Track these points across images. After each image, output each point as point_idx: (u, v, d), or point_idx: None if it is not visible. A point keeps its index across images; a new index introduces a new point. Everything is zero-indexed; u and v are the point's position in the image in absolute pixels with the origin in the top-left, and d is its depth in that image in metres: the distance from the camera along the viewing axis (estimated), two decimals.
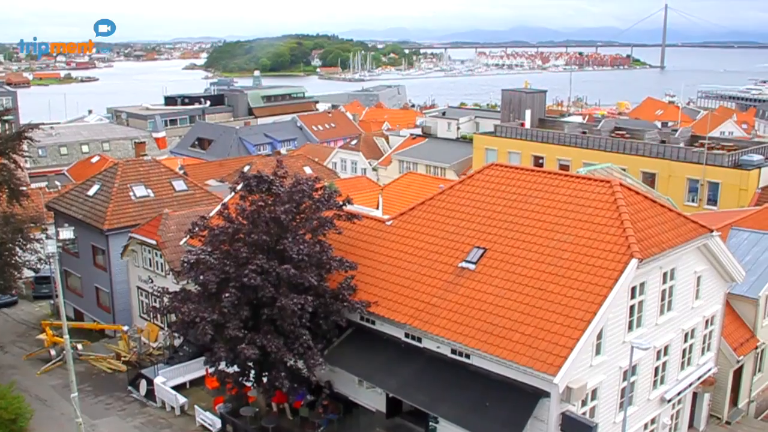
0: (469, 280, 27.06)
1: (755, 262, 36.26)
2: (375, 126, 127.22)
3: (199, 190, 50.49)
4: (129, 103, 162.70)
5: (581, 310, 23.87)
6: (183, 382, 36.63)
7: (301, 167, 66.98)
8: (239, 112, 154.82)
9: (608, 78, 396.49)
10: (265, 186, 29.42)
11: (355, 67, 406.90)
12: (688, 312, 29.73)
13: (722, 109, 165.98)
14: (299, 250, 27.93)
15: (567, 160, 70.83)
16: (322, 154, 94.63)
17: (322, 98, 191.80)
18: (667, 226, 27.71)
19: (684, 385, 30.55)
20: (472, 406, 24.71)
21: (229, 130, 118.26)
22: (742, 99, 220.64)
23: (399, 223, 31.64)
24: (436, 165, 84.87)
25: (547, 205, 28.50)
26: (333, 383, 30.63)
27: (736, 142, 74.57)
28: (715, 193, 63.16)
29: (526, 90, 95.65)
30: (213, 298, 28.16)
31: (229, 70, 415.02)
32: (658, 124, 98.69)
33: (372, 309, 28.30)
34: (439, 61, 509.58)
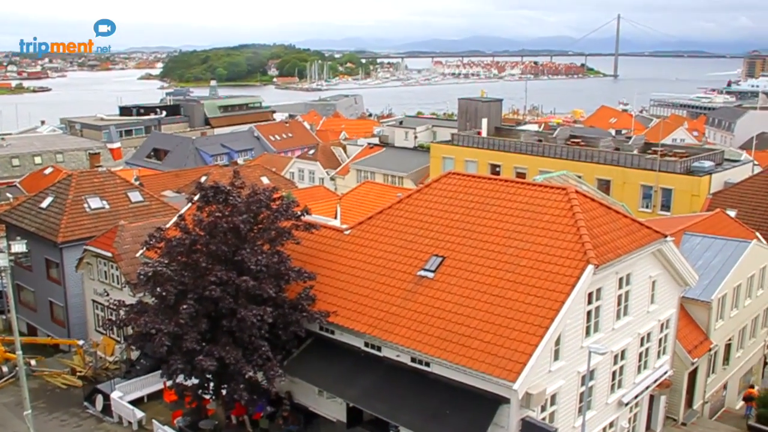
0: (428, 289, 27.12)
1: (707, 266, 36.95)
2: (332, 135, 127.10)
3: (155, 201, 49.91)
4: (83, 113, 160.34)
5: (539, 316, 24.07)
6: (140, 396, 36.06)
7: (258, 177, 66.65)
8: (196, 122, 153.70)
9: (563, 87, 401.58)
10: (222, 197, 29.21)
11: (312, 76, 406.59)
12: (644, 316, 30.16)
13: (674, 117, 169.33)
14: (257, 261, 27.75)
15: (523, 168, 71.51)
16: (279, 164, 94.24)
17: (279, 108, 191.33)
18: (622, 232, 28.09)
19: (641, 389, 30.95)
20: (432, 414, 24.73)
21: (186, 140, 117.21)
22: (692, 107, 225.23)
23: (357, 232, 31.62)
24: (394, 174, 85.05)
25: (504, 212, 28.72)
26: (293, 394, 30.47)
27: (687, 149, 75.99)
28: (668, 199, 64.30)
29: (483, 99, 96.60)
30: (170, 310, 27.84)
31: (185, 80, 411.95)
32: (612, 132, 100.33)
33: (331, 319, 28.22)
34: (396, 71, 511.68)
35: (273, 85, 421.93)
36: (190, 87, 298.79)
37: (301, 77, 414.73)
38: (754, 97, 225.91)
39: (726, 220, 46.01)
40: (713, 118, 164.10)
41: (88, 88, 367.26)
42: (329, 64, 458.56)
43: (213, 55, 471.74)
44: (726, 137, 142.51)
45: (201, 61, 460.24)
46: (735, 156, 76.59)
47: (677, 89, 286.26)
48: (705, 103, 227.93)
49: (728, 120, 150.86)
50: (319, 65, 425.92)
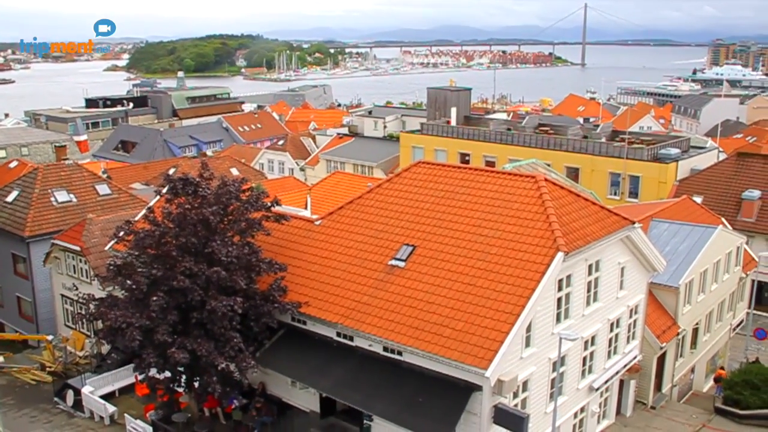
0: (400, 278, 27.18)
1: (675, 252, 37.43)
2: (302, 126, 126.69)
3: (123, 194, 49.45)
4: (48, 105, 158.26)
5: (510, 303, 24.23)
6: (112, 391, 35.80)
7: (227, 169, 66.25)
8: (163, 113, 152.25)
9: (531, 75, 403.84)
10: (191, 188, 29.00)
11: (281, 67, 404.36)
12: (613, 302, 30.48)
13: (641, 105, 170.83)
14: (228, 253, 27.62)
15: (493, 157, 71.79)
16: (248, 155, 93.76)
17: (248, 99, 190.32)
18: (591, 219, 28.34)
19: (611, 374, 31.32)
20: (405, 402, 24.83)
21: (154, 132, 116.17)
22: (659, 95, 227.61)
23: (328, 222, 31.58)
24: (364, 164, 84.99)
25: (474, 201, 28.84)
26: (266, 385, 30.41)
27: (654, 137, 76.93)
28: (636, 186, 65.00)
29: (452, 88, 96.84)
30: (141, 303, 27.64)
31: (152, 71, 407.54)
32: (581, 120, 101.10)
33: (303, 309, 28.18)
34: (364, 61, 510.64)
35: (241, 75, 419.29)
36: (158, 78, 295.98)
37: (269, 68, 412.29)
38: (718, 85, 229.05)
39: (692, 206, 46.65)
40: (679, 105, 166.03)
41: (52, 80, 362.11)
42: (298, 54, 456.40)
43: (180, 46, 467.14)
44: (692, 124, 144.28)
45: (168, 52, 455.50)
46: (701, 143, 77.60)
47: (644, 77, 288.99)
48: (671, 91, 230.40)
49: (694, 107, 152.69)
50: (288, 56, 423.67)
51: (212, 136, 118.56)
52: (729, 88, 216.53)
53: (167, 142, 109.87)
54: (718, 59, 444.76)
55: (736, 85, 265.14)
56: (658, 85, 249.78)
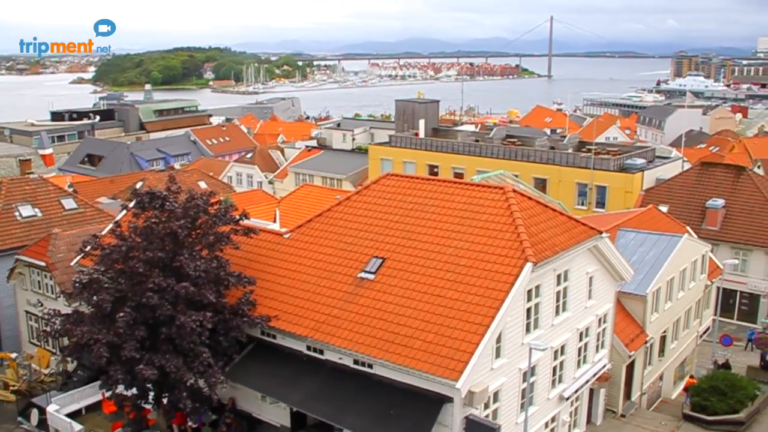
0: (369, 290, 27.14)
1: (642, 261, 37.80)
2: (270, 139, 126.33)
3: (89, 208, 48.88)
4: (12, 118, 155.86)
5: (480, 314, 24.29)
6: (78, 409, 35.20)
7: (195, 182, 65.76)
8: (130, 126, 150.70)
9: (499, 87, 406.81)
10: (159, 202, 28.73)
11: (249, 79, 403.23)
12: (582, 312, 30.69)
13: (606, 116, 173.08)
14: (196, 267, 27.39)
15: (461, 168, 72.13)
16: (217, 169, 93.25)
17: (216, 112, 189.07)
18: (559, 229, 28.54)
19: (581, 383, 31.51)
20: (376, 415, 24.75)
21: (120, 145, 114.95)
22: (624, 106, 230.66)
23: (297, 235, 31.47)
24: (333, 176, 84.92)
25: (443, 213, 28.91)
26: (236, 400, 30.14)
27: (620, 147, 77.87)
28: (603, 196, 65.66)
29: (420, 100, 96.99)
30: (108, 319, 27.29)
31: (118, 83, 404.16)
32: (548, 131, 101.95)
33: (272, 323, 28.02)
34: (332, 73, 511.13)
35: (209, 88, 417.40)
36: (124, 91, 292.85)
37: (237, 80, 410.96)
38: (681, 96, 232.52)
39: (658, 215, 47.23)
40: (644, 116, 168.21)
41: (17, 92, 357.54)
42: (266, 66, 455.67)
43: (147, 59, 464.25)
44: (656, 135, 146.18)
45: (135, 65, 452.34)
46: (665, 153, 78.74)
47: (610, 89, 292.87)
48: (636, 102, 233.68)
49: (658, 118, 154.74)
50: (256, 68, 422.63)
51: (180, 149, 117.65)
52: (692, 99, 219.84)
53: (134, 156, 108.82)
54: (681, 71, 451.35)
55: (699, 96, 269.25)
56: (623, 96, 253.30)
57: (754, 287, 56.65)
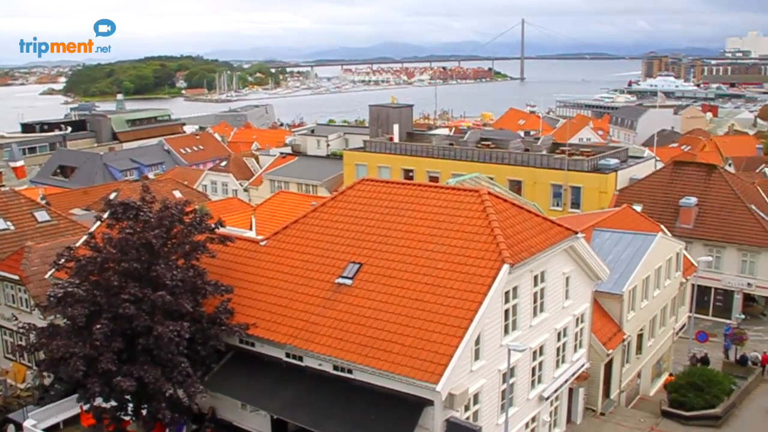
0: (347, 296, 27.13)
1: (617, 260, 38.11)
2: (244, 146, 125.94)
3: (63, 220, 48.35)
4: None
5: (458, 317, 24.35)
6: (56, 423, 34.77)
7: (170, 191, 65.35)
8: (103, 137, 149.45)
9: (472, 90, 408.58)
10: (133, 212, 28.53)
11: (222, 87, 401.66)
12: (560, 312, 30.87)
13: (579, 117, 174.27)
14: (173, 276, 27.22)
15: (436, 172, 72.32)
16: (191, 177, 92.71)
17: (189, 120, 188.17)
18: (535, 230, 28.70)
19: (560, 382, 31.68)
20: (357, 420, 24.72)
21: (93, 156, 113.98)
22: (596, 107, 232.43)
23: (273, 243, 31.39)
24: (308, 183, 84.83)
25: (419, 217, 28.96)
26: (216, 410, 29.97)
27: (593, 148, 78.44)
28: (578, 197, 66.13)
29: (393, 105, 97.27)
30: (84, 332, 27.01)
31: (90, 94, 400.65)
32: (521, 134, 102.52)
33: (251, 331, 27.91)
34: (305, 79, 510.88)
35: (182, 97, 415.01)
36: (96, 101, 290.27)
37: (210, 88, 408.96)
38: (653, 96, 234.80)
39: (633, 214, 47.66)
40: (616, 117, 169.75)
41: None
42: (238, 74, 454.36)
43: (118, 69, 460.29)
44: (629, 135, 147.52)
45: (106, 75, 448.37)
46: (638, 153, 79.52)
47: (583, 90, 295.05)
48: (608, 103, 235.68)
49: (630, 118, 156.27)
50: (228, 76, 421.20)
51: (154, 158, 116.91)
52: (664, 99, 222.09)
53: (107, 166, 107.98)
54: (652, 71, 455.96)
55: (670, 96, 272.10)
56: (596, 98, 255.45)
57: (728, 283, 57.37)
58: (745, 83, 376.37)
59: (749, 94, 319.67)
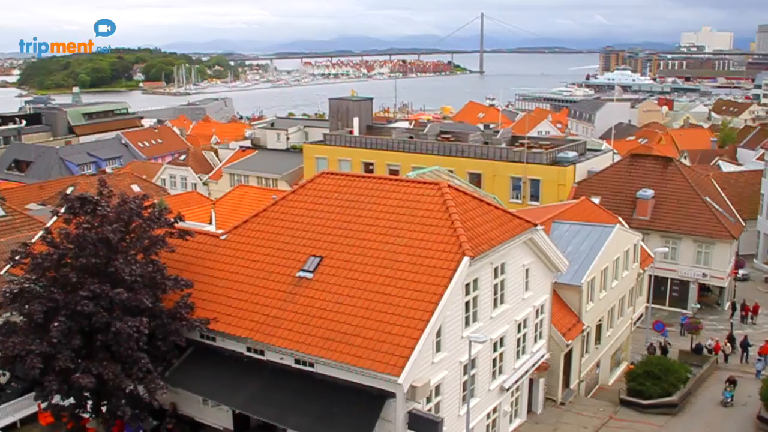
0: (308, 289, 27.08)
1: (576, 252, 38.55)
2: (203, 140, 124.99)
3: (18, 215, 47.51)
4: None
5: (419, 310, 24.45)
6: (13, 422, 34.26)
7: (128, 186, 64.62)
8: (59, 131, 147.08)
9: (432, 84, 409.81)
10: (90, 207, 28.12)
11: (180, 80, 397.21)
12: (520, 303, 31.16)
13: (538, 111, 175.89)
14: (132, 271, 26.90)
15: (396, 165, 72.43)
16: (150, 171, 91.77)
17: (147, 114, 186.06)
18: (495, 223, 28.90)
19: (521, 373, 32.00)
20: (320, 414, 24.73)
21: (49, 150, 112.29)
22: (555, 100, 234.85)
23: (233, 236, 31.20)
24: (268, 176, 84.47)
25: (379, 210, 28.99)
26: (177, 405, 29.74)
27: (552, 141, 79.21)
28: (537, 190, 66.75)
29: (353, 98, 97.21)
30: (41, 329, 26.60)
31: (45, 87, 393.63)
32: (481, 127, 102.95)
33: (211, 326, 27.72)
34: (265, 73, 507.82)
35: (139, 90, 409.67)
36: (51, 94, 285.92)
37: (168, 81, 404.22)
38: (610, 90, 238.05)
39: (591, 207, 48.24)
40: (574, 110, 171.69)
41: None
42: (197, 67, 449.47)
43: (74, 61, 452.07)
44: (587, 128, 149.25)
45: (62, 67, 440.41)
46: (596, 146, 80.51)
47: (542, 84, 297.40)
48: (566, 96, 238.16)
49: (588, 112, 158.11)
50: (187, 69, 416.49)
51: (111, 152, 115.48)
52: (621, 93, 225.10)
53: (64, 160, 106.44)
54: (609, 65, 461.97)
55: (627, 89, 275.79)
56: (554, 91, 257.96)
57: (683, 274, 58.40)
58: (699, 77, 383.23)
59: (704, 88, 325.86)
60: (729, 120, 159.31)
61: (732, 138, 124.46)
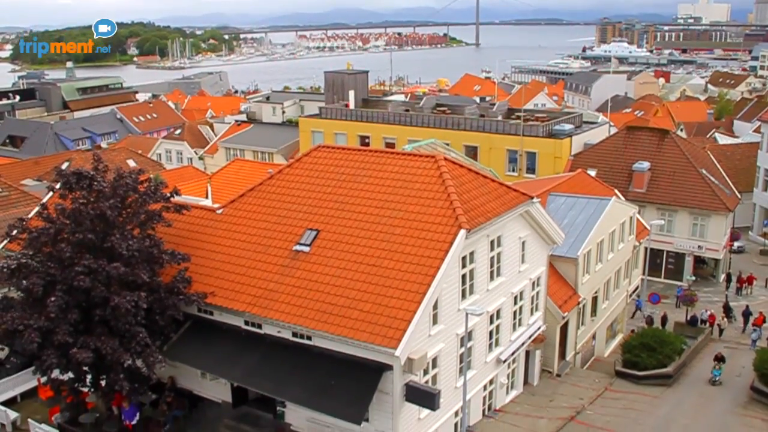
0: (305, 263, 27.12)
1: (572, 224, 38.64)
2: (198, 114, 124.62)
3: (14, 191, 47.41)
4: None
5: (416, 282, 24.51)
6: (13, 396, 34.47)
7: (124, 160, 64.49)
8: (53, 106, 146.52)
9: (427, 57, 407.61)
10: (86, 182, 28.05)
11: (174, 54, 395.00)
12: (516, 276, 31.27)
13: (534, 83, 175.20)
14: (128, 246, 26.88)
15: (392, 138, 72.31)
16: (145, 146, 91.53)
17: (142, 88, 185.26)
18: (491, 196, 28.91)
19: (517, 345, 32.18)
20: (317, 387, 24.88)
21: (44, 125, 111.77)
22: (551, 73, 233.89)
23: (230, 211, 31.19)
24: (264, 150, 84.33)
25: (375, 183, 28.96)
26: (175, 379, 29.92)
27: (548, 114, 79.01)
28: (533, 162, 66.72)
29: (349, 71, 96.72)
30: (39, 304, 26.66)
31: (38, 62, 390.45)
32: (477, 99, 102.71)
33: (209, 300, 27.79)
34: (260, 46, 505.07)
35: (134, 64, 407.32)
36: (45, 69, 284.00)
37: (162, 56, 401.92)
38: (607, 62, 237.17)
39: (587, 179, 48.23)
40: (571, 82, 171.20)
41: None
42: (191, 41, 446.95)
43: (67, 35, 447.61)
44: (583, 100, 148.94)
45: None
46: (592, 118, 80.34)
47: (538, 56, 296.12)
48: (563, 69, 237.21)
49: (584, 84, 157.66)
50: (181, 43, 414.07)
51: (106, 127, 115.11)
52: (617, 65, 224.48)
53: (59, 136, 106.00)
54: (606, 37, 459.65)
55: (623, 61, 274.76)
56: (550, 63, 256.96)
57: (679, 246, 58.62)
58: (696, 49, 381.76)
59: (700, 60, 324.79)
60: (725, 92, 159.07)
61: (728, 110, 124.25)
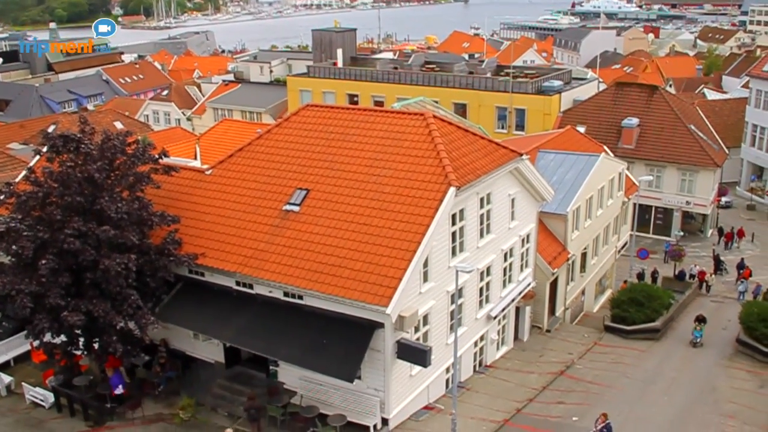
0: (295, 222, 27.13)
1: (561, 181, 38.73)
2: (185, 75, 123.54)
3: (0, 155, 47.10)
4: None
5: (406, 240, 24.59)
6: (6, 360, 34.49)
7: (111, 122, 63.96)
8: (37, 68, 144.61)
9: (415, 14, 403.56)
10: (73, 145, 27.82)
11: (160, 14, 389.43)
12: (506, 233, 31.39)
13: (523, 39, 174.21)
14: (117, 209, 26.78)
15: (381, 97, 71.98)
16: (132, 108, 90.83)
17: (127, 49, 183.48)
18: (481, 153, 28.89)
19: (507, 302, 32.45)
20: (309, 345, 25.07)
21: (28, 88, 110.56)
22: (540, 29, 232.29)
23: (219, 171, 31.07)
24: (252, 110, 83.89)
25: (365, 141, 28.87)
26: (168, 340, 30.06)
27: (537, 70, 78.67)
28: (522, 119, 66.68)
29: (337, 29, 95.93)
30: (29, 268, 26.62)
31: (20, 23, 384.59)
32: (466, 57, 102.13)
33: (200, 261, 27.81)
34: (246, 4, 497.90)
35: (118, 24, 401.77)
36: (28, 30, 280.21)
37: (147, 15, 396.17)
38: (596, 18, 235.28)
39: (576, 136, 48.24)
40: (560, 39, 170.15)
41: None
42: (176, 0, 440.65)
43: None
44: (572, 57, 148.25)
45: (37, 2, 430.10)
46: (581, 74, 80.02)
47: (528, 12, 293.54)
48: (552, 25, 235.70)
49: (574, 40, 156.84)
50: (166, 1, 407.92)
51: (92, 89, 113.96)
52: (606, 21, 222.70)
53: (44, 98, 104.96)
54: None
55: (613, 17, 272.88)
56: (539, 20, 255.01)
57: (667, 202, 58.95)
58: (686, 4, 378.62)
59: (690, 15, 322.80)
60: (715, 47, 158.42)
61: (717, 66, 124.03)
